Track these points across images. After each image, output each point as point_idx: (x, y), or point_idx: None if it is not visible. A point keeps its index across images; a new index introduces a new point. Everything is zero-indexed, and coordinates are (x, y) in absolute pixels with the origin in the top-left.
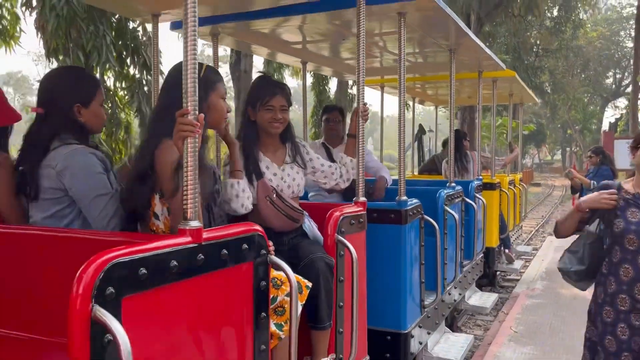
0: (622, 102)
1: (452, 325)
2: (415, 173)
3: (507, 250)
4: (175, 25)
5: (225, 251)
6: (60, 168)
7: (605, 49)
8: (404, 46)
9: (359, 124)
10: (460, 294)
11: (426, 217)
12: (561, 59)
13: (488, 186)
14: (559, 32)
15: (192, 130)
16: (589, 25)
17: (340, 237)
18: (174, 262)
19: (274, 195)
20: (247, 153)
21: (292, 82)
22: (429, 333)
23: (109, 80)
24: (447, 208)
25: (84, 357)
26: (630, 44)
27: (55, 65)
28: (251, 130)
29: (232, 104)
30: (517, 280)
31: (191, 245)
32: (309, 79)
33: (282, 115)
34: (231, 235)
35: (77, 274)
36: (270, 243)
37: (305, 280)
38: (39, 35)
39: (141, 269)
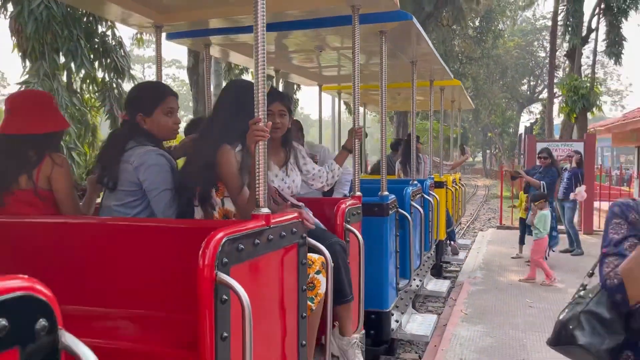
0: (536, 107)
1: (413, 308)
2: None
3: (452, 243)
4: (171, 36)
5: (284, 233)
6: (137, 164)
7: (521, 58)
8: (385, 59)
9: (354, 142)
10: (420, 281)
11: (400, 210)
12: (483, 67)
13: (437, 184)
14: (481, 41)
15: (263, 135)
16: (507, 35)
17: (348, 225)
18: (257, 240)
19: (277, 195)
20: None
21: None
22: (402, 313)
23: (76, 83)
24: (413, 203)
25: (210, 311)
26: (542, 54)
27: (28, 67)
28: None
29: (190, 105)
30: (457, 270)
31: (265, 228)
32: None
33: (281, 120)
34: (286, 221)
35: (201, 250)
36: None
37: None
38: (14, 38)
39: (240, 244)
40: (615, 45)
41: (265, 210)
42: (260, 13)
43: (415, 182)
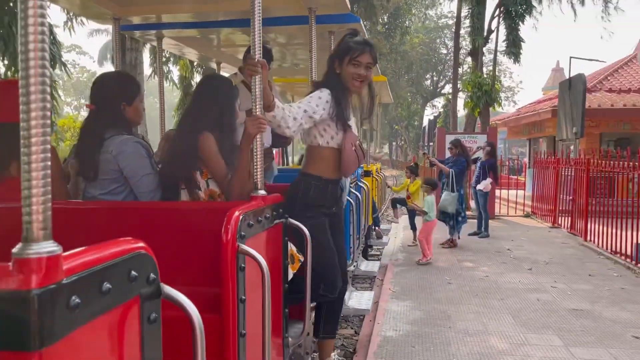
0: (439, 101)
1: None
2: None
3: (377, 228)
4: (124, 28)
5: (274, 212)
6: (116, 153)
7: (425, 54)
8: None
9: None
10: (356, 262)
11: (347, 198)
12: (391, 62)
13: (366, 173)
14: (390, 37)
15: (264, 128)
16: (412, 32)
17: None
18: (260, 218)
19: (357, 143)
20: (339, 101)
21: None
22: (345, 290)
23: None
24: (351, 189)
25: (232, 277)
26: (444, 51)
27: None
28: (337, 82)
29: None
30: (378, 254)
31: (263, 207)
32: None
33: (366, 73)
34: (275, 201)
35: (224, 226)
36: None
37: (299, 255)
38: None
39: (250, 221)
40: (514, 46)
41: (262, 192)
42: (257, 17)
43: None
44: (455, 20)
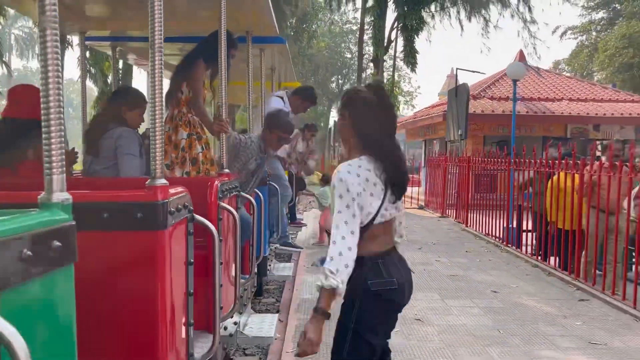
0: None
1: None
2: None
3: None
4: (87, 39)
5: (234, 186)
6: (116, 137)
7: (330, 57)
8: (264, 69)
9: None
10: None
11: (271, 183)
12: (298, 65)
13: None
14: (297, 40)
15: (225, 130)
16: (319, 36)
17: (255, 190)
18: (227, 187)
19: None
20: None
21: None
22: (271, 261)
23: None
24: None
25: (215, 224)
26: (348, 55)
27: None
28: None
29: None
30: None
31: (228, 181)
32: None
33: None
34: (234, 179)
35: (208, 190)
36: None
37: None
38: None
39: (224, 188)
40: (411, 56)
41: (226, 170)
42: (223, 40)
43: None
44: (359, 26)
